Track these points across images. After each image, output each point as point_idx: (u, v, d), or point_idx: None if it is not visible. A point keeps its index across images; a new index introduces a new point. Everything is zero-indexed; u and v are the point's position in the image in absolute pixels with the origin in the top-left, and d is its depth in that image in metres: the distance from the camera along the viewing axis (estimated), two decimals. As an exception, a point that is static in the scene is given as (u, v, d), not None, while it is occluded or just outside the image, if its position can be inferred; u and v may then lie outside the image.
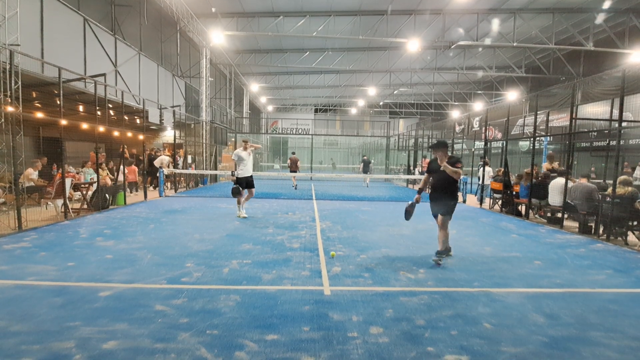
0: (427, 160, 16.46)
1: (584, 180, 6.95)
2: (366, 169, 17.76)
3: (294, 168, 15.57)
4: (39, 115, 9.65)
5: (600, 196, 6.49)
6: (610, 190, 6.17)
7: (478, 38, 15.97)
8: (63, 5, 8.77)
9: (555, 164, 9.92)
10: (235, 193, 7.43)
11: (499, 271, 4.27)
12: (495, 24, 16.42)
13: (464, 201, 11.37)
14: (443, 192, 4.47)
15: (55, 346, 2.38)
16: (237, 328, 2.71)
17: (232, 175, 7.70)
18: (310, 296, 3.37)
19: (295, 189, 14.63)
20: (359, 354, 2.40)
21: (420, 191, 4.77)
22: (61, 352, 2.32)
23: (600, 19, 15.51)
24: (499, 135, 17.63)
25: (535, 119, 9.06)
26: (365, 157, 19.57)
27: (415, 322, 2.88)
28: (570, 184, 7.31)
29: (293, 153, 16.58)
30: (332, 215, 8.05)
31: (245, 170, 7.48)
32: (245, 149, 7.55)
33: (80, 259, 4.34)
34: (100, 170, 8.42)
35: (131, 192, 11.68)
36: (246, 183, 7.53)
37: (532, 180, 8.20)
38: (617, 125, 6.29)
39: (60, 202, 7.20)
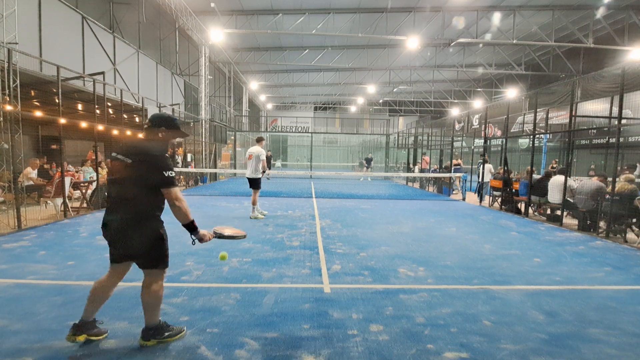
0: (427, 157, 16.71)
1: (595, 179, 6.90)
2: (368, 165, 19.99)
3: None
4: (38, 113, 9.64)
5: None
6: (610, 187, 6.18)
7: (478, 35, 15.95)
8: (61, 3, 8.73)
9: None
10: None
11: (498, 269, 4.27)
12: (495, 21, 16.39)
13: (464, 199, 11.39)
14: (127, 216, 2.28)
15: (56, 345, 2.39)
16: (237, 326, 2.71)
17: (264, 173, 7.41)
18: (310, 294, 3.38)
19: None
20: (359, 352, 2.40)
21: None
22: (62, 351, 2.33)
23: (599, 15, 15.48)
24: (499, 133, 17.62)
25: (535, 116, 9.06)
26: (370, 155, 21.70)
27: (415, 319, 2.89)
28: (572, 183, 7.32)
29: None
30: (332, 213, 8.05)
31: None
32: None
33: (80, 257, 4.35)
34: (99, 168, 8.41)
35: None
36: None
37: (531, 178, 8.20)
38: (616, 122, 6.29)
39: (59, 200, 7.19)
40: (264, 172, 7.38)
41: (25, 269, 3.90)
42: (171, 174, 2.26)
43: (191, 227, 2.38)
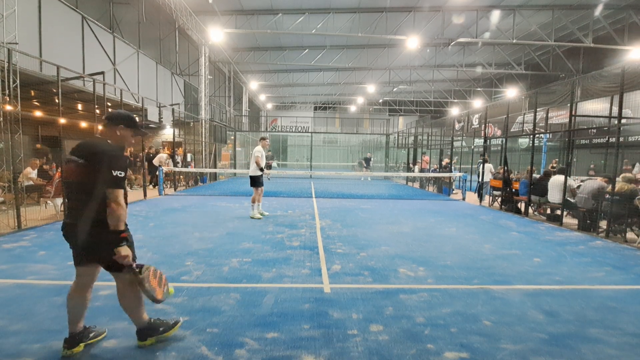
0: (427, 157, 16.72)
1: (600, 179, 6.86)
2: (367, 165, 19.69)
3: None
4: (38, 114, 9.64)
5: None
6: (610, 187, 6.17)
7: (477, 35, 15.94)
8: (61, 3, 8.73)
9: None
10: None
11: (498, 268, 4.27)
12: (495, 21, 16.38)
13: (464, 199, 11.39)
14: (85, 219, 2.16)
15: (56, 345, 2.38)
16: (237, 326, 2.71)
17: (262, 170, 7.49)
18: (310, 294, 3.38)
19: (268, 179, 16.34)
20: (359, 352, 2.40)
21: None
22: (61, 351, 2.32)
23: (599, 15, 15.48)
24: (499, 133, 17.62)
25: (535, 116, 9.06)
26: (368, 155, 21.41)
27: (415, 319, 2.89)
28: (572, 182, 7.31)
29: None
30: (332, 213, 8.05)
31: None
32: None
33: (80, 257, 4.34)
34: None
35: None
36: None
37: (531, 177, 8.20)
38: (616, 122, 6.29)
39: (59, 200, 7.19)
40: (262, 169, 7.36)
41: (25, 269, 3.90)
42: (120, 174, 2.13)
43: (117, 238, 2.14)
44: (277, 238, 5.60)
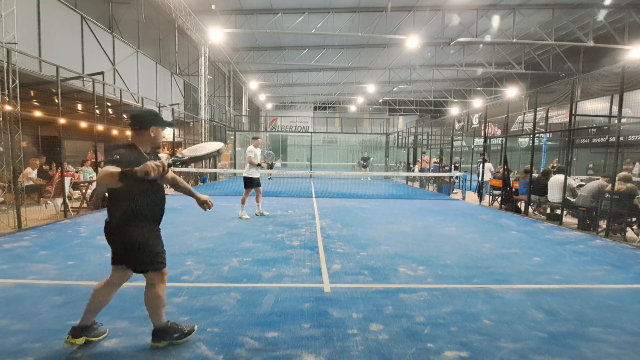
0: (427, 157, 16.74)
1: (602, 179, 6.84)
2: (365, 164, 19.46)
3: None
4: (38, 114, 9.64)
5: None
6: (609, 187, 6.18)
7: (477, 34, 15.94)
8: (60, 2, 8.73)
9: None
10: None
11: (498, 268, 4.28)
12: (495, 20, 16.38)
13: (463, 198, 11.39)
14: (108, 219, 2.31)
15: (57, 344, 2.39)
16: (237, 326, 2.72)
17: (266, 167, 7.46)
18: (311, 293, 3.38)
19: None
20: (359, 351, 2.41)
21: None
22: (63, 351, 2.33)
23: (600, 15, 15.47)
24: (499, 132, 17.63)
25: (535, 115, 9.07)
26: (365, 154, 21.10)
27: (415, 318, 2.90)
28: (572, 182, 7.31)
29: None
30: (332, 213, 8.06)
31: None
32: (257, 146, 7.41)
33: (80, 257, 4.35)
34: (99, 168, 8.41)
35: None
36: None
37: (530, 177, 8.21)
38: (616, 121, 6.30)
39: (59, 201, 7.19)
40: (259, 164, 7.30)
41: (25, 269, 3.90)
42: (110, 159, 2.08)
43: (125, 175, 1.93)
44: (277, 237, 5.60)
